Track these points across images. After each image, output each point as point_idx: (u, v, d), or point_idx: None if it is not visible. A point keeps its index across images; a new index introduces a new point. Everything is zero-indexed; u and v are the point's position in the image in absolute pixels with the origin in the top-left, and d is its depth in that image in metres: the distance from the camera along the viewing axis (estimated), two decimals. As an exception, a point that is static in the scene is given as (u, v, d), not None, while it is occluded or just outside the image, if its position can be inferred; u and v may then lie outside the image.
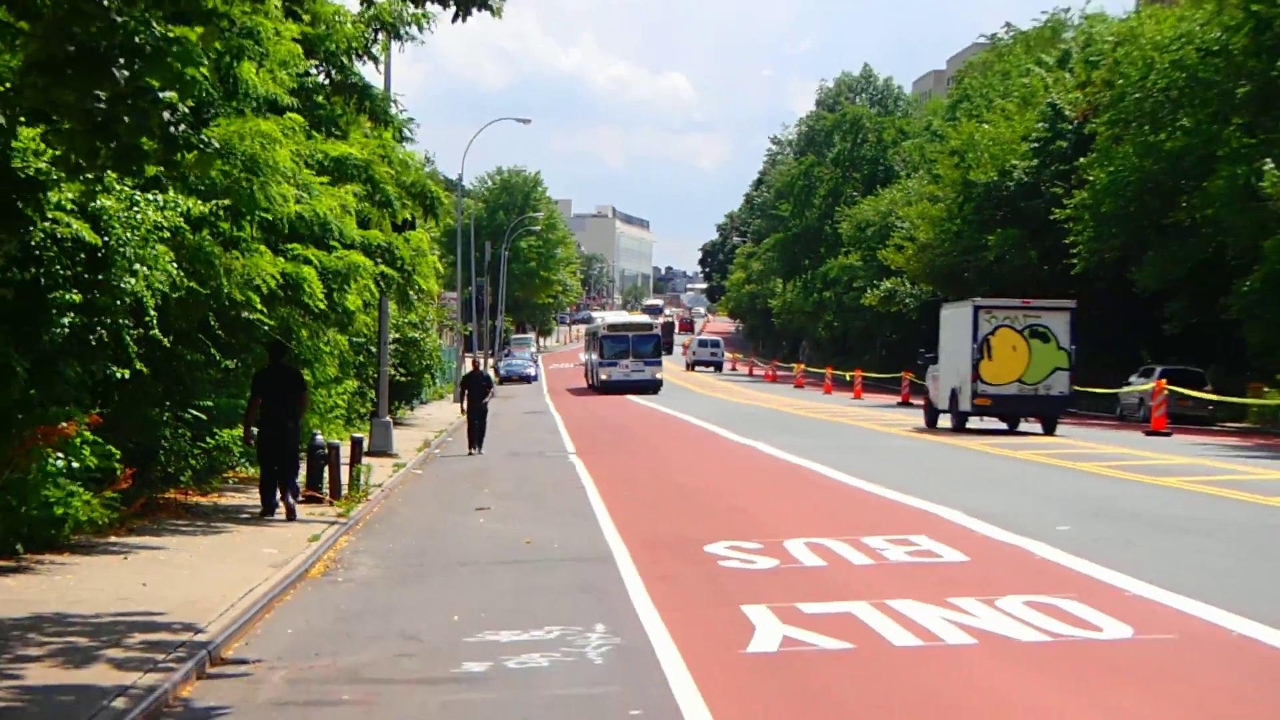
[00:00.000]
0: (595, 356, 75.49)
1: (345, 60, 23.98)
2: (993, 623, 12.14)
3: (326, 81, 23.89)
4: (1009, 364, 39.07)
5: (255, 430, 20.55)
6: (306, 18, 20.61)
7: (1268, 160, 36.79)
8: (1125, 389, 47.49)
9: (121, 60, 11.13)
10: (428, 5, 13.55)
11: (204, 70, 14.61)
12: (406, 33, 25.04)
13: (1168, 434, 38.09)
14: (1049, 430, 39.35)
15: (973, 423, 41.13)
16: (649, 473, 29.06)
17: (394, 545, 18.92)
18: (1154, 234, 47.96)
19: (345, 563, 17.29)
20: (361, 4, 18.60)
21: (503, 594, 14.76)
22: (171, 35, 12.12)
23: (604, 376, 71.42)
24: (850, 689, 10.21)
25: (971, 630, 11.86)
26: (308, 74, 23.17)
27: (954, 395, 41.00)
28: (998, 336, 39.38)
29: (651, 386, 70.13)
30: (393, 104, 26.97)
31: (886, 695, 10.04)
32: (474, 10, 11.90)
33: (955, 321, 42.84)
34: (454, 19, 12.17)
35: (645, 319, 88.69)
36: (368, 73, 25.74)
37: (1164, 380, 41.68)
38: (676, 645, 11.61)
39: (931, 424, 43.42)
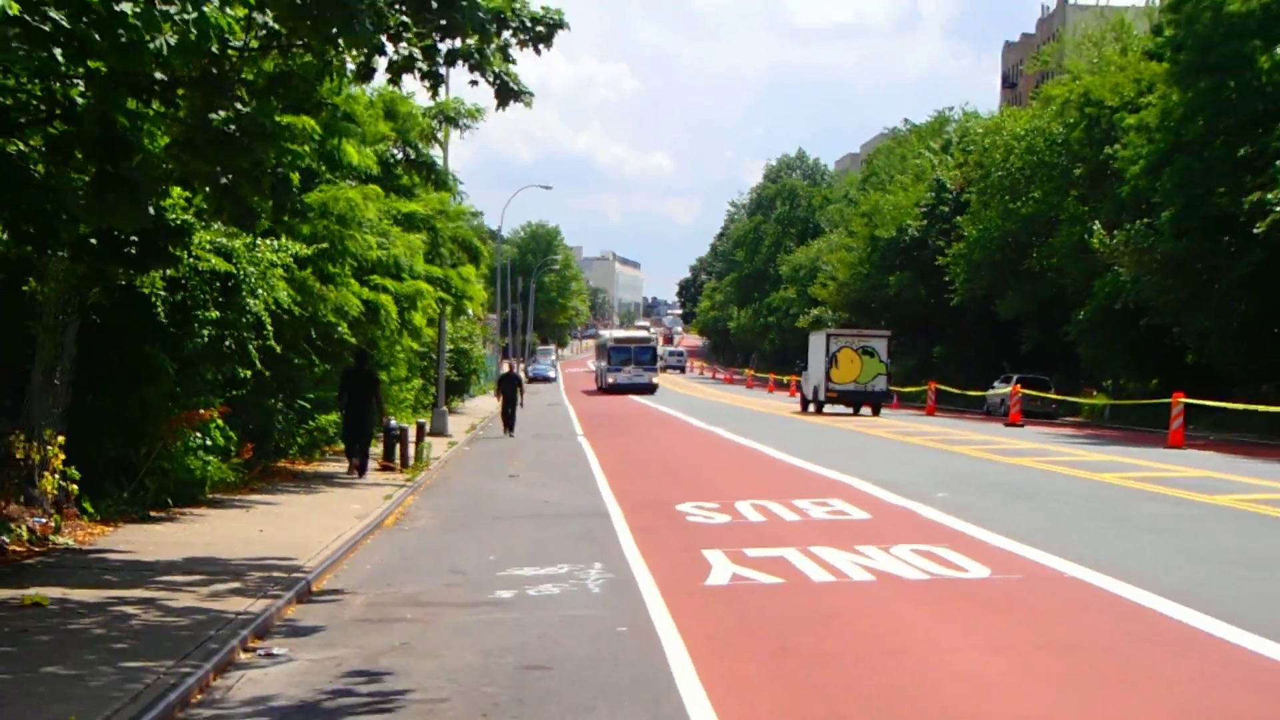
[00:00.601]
0: (603, 364, 71.63)
1: (420, 143, 24.40)
2: (887, 565, 12.20)
3: (402, 157, 24.31)
4: (848, 370, 46.64)
5: (341, 413, 21.47)
6: (393, 121, 21.03)
7: (1095, 223, 37.13)
8: (990, 391, 47.84)
9: (245, 140, 11.31)
10: (478, 100, 13.82)
11: (307, 149, 14.89)
12: (464, 123, 25.56)
13: (1021, 425, 38.16)
14: (876, 413, 46.24)
15: (827, 409, 47.47)
16: (636, 450, 29.06)
17: (447, 503, 18.91)
18: (1012, 276, 48.23)
19: (410, 516, 17.37)
20: (431, 100, 18.84)
21: (526, 540, 14.75)
22: (284, 121, 12.37)
23: (610, 380, 68.08)
24: (780, 613, 10.25)
25: (871, 570, 11.97)
26: (390, 151, 23.57)
27: (815, 390, 48.19)
28: (841, 353, 47.01)
29: (649, 389, 66.68)
30: (450, 175, 27.47)
31: (806, 618, 10.05)
32: (512, 101, 12.03)
33: (816, 343, 49.76)
34: (498, 108, 12.40)
35: (644, 333, 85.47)
36: (433, 150, 26.28)
37: (1019, 385, 42.17)
38: (654, 579, 11.68)
39: (804, 409, 50.46)
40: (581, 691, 7.94)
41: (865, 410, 46.40)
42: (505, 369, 36.04)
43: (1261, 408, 30.71)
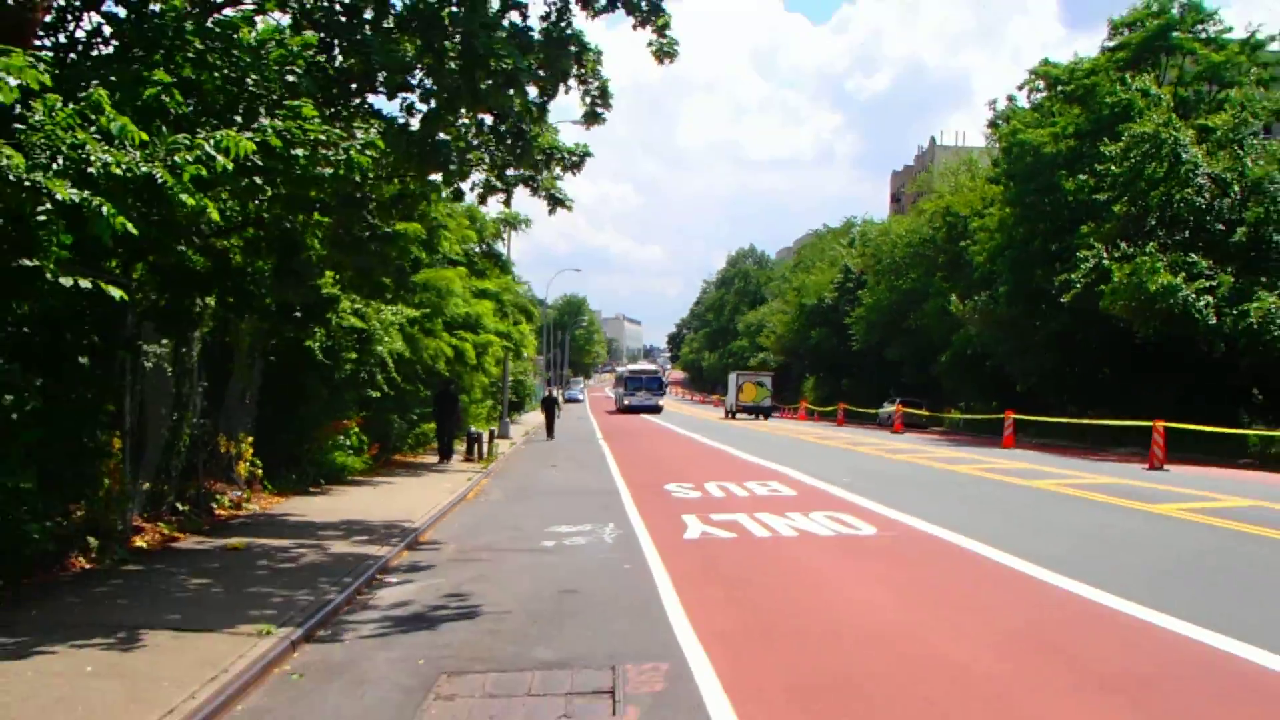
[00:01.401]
0: (621, 390, 67.76)
1: (490, 240, 24.83)
2: (806, 526, 12.25)
3: (479, 250, 24.68)
4: (748, 395, 55.62)
5: (435, 422, 22.02)
6: (473, 224, 21.49)
7: (954, 295, 37.32)
8: (880, 410, 47.69)
9: (374, 243, 11.62)
10: (534, 211, 14.14)
11: (415, 246, 15.27)
12: (521, 227, 25.92)
13: (903, 433, 38.20)
14: (766, 418, 53.87)
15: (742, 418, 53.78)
16: (638, 450, 28.71)
17: (509, 484, 18.75)
18: (896, 332, 48.08)
19: (484, 492, 17.27)
20: (504, 209, 19.17)
21: (563, 508, 14.68)
22: (400, 228, 12.72)
23: (626, 402, 63.81)
24: (734, 557, 10.33)
25: (796, 529, 12.02)
26: (470, 246, 23.99)
27: (731, 406, 57.23)
28: (745, 385, 56.29)
29: (655, 409, 62.61)
30: (510, 262, 27.92)
31: (752, 560, 10.15)
32: (558, 208, 12.15)
33: (731, 379, 59.70)
34: (550, 214, 12.59)
35: (653, 366, 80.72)
36: (499, 244, 26.66)
37: (901, 405, 42.20)
38: (650, 535, 11.74)
39: (727, 416, 57.29)
40: (600, 604, 8.14)
41: (760, 417, 54.05)
42: (546, 393, 36.09)
43: (1066, 420, 30.96)
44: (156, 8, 7.29)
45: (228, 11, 7.82)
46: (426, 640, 7.14)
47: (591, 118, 11.08)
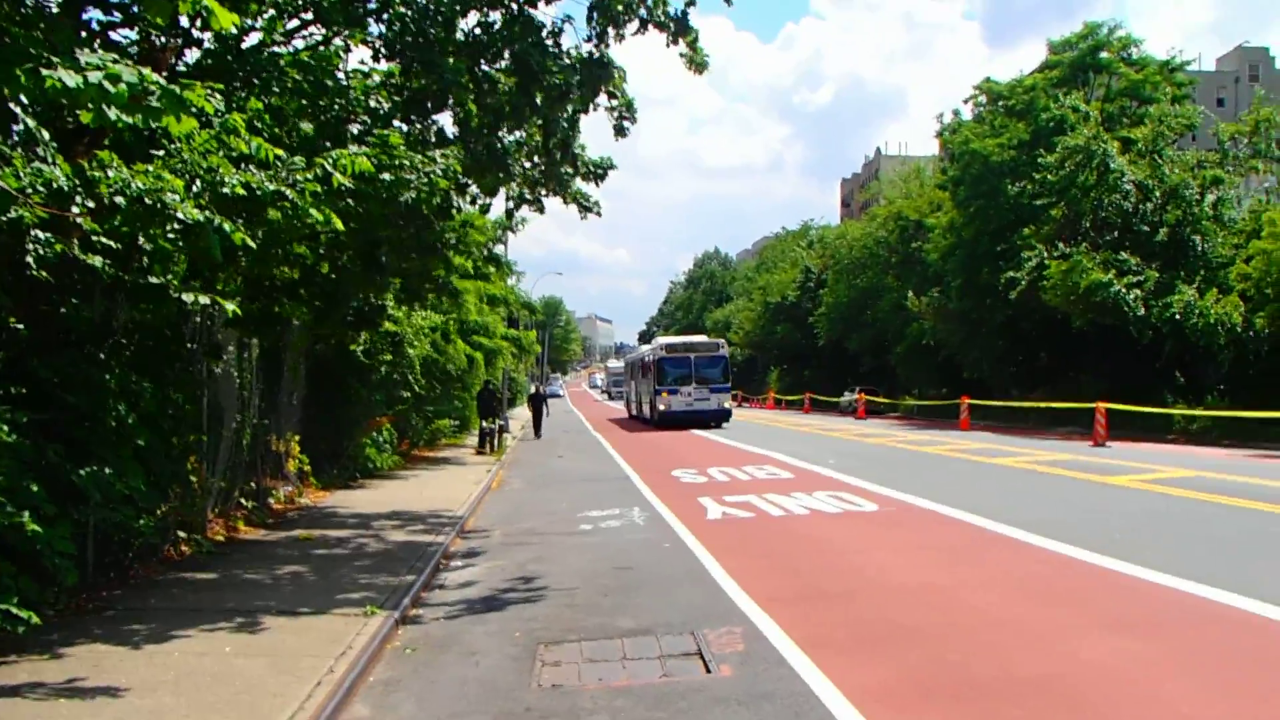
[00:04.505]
0: (650, 385, 33.23)
1: (491, 243, 24.74)
2: (814, 504, 12.36)
3: (483, 254, 24.53)
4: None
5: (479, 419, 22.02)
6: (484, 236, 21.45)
7: (910, 292, 37.95)
8: (842, 398, 48.19)
9: (438, 250, 11.52)
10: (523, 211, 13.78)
11: (440, 270, 15.23)
12: (518, 227, 25.66)
13: (865, 419, 38.63)
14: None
15: None
16: (633, 439, 28.54)
17: (526, 474, 18.66)
18: (855, 326, 48.29)
19: (506, 482, 17.23)
20: (507, 212, 19.08)
21: (585, 494, 14.69)
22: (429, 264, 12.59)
23: (663, 408, 31.35)
24: (758, 533, 10.47)
25: (806, 507, 12.14)
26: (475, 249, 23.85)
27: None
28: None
29: (720, 417, 31.36)
30: (510, 263, 27.79)
31: (775, 535, 10.32)
32: (587, 214, 12.16)
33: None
34: (582, 219, 12.52)
35: (709, 340, 35.71)
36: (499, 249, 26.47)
37: (863, 393, 42.67)
38: (675, 516, 11.73)
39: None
40: (657, 579, 8.30)
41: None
42: (534, 390, 34.34)
43: (1013, 404, 31.69)
44: (249, 43, 7.36)
45: (320, 39, 7.88)
46: (514, 615, 7.31)
47: (619, 131, 11.23)
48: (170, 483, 8.57)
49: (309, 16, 8.05)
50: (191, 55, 7.48)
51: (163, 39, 6.87)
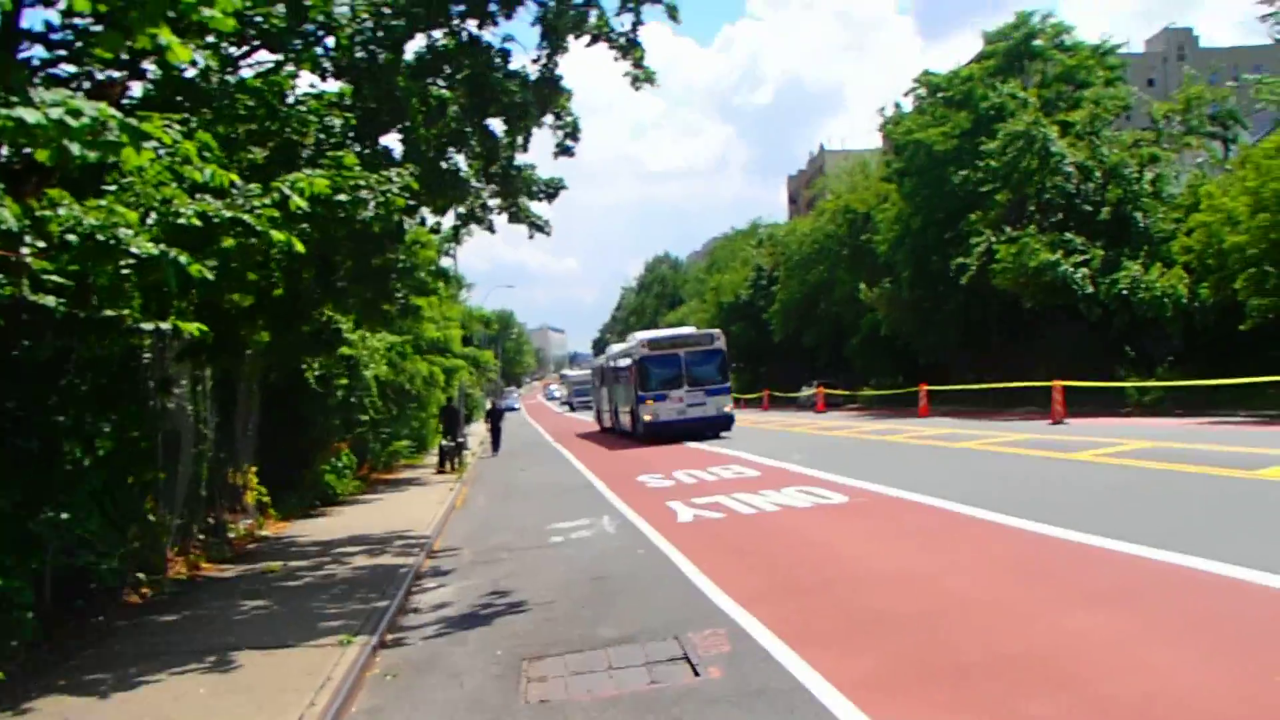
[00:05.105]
0: (631, 390, 27.42)
1: (440, 259, 24.47)
2: (783, 500, 12.41)
3: (434, 269, 24.26)
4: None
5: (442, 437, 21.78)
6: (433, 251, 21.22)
7: (861, 283, 38.41)
8: (802, 393, 48.15)
9: (390, 273, 11.41)
10: (469, 228, 13.60)
11: (399, 286, 15.02)
12: (465, 237, 25.32)
13: (825, 412, 39.02)
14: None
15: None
16: (593, 447, 28.30)
17: (490, 489, 18.46)
18: (810, 320, 48.54)
19: (470, 499, 17.03)
20: (453, 229, 18.96)
21: (551, 505, 14.58)
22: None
23: (648, 417, 25.91)
24: (731, 533, 10.53)
25: (776, 504, 12.18)
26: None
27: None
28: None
29: (721, 424, 26.43)
30: (460, 276, 27.64)
31: (747, 533, 10.40)
32: (536, 232, 12.16)
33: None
34: (530, 238, 12.55)
35: (698, 331, 29.70)
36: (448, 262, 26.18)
37: (822, 386, 43.08)
38: (646, 522, 11.70)
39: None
40: (635, 586, 8.31)
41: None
42: (489, 405, 33.60)
43: (971, 387, 32.35)
44: (192, 73, 7.23)
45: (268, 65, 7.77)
46: (493, 633, 7.26)
47: (563, 150, 11.26)
48: (129, 523, 8.35)
49: (258, 43, 7.94)
50: (137, 88, 7.32)
51: (110, 73, 6.71)
